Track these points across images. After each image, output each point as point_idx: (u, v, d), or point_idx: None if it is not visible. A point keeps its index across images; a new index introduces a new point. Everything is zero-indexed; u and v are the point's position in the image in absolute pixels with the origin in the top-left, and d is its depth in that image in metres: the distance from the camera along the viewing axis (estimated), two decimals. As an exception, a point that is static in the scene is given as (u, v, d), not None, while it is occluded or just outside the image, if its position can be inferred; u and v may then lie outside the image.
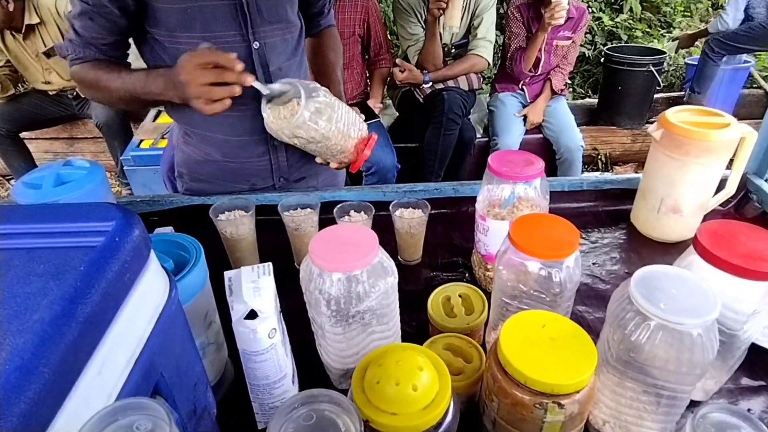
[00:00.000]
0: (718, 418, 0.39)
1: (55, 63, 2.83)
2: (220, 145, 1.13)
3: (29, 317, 0.35)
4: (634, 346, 0.55)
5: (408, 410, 0.50)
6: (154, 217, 1.12)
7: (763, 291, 0.61)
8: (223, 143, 1.13)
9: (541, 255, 0.65)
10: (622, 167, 3.54)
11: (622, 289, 0.59)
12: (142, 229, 0.46)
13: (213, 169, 1.17)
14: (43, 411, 0.33)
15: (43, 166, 0.87)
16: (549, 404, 0.54)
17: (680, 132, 0.87)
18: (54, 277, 0.38)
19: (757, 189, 1.12)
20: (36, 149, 3.25)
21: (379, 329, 0.66)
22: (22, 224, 0.45)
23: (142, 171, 2.67)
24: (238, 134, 1.12)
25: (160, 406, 0.34)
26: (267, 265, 0.62)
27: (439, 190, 1.15)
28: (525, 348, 0.56)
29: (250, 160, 1.16)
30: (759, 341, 0.76)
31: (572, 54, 2.74)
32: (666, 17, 4.61)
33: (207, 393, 0.58)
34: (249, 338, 0.58)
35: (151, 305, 0.46)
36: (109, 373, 0.39)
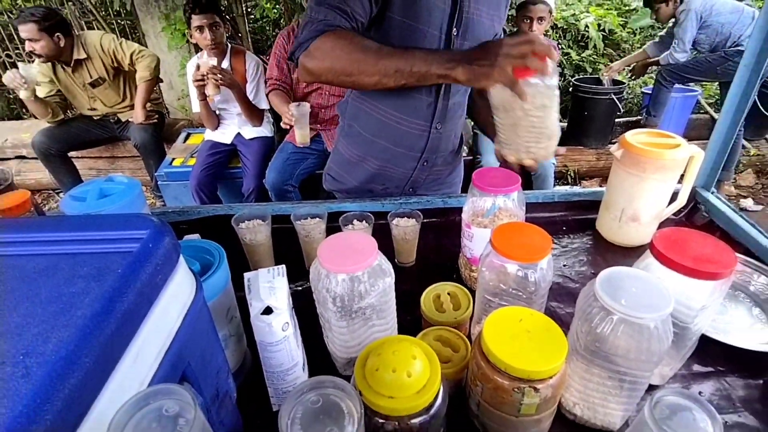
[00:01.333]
0: (673, 400, 0.39)
1: (99, 92, 2.84)
2: (382, 151, 1.12)
3: (74, 313, 0.35)
4: (600, 337, 0.55)
5: (403, 394, 0.50)
6: (184, 226, 1.11)
7: (710, 289, 0.61)
8: (384, 150, 1.12)
9: (518, 258, 0.65)
10: (588, 182, 3.55)
11: (588, 288, 0.59)
12: (173, 236, 0.46)
13: (359, 170, 1.18)
14: (85, 395, 0.33)
15: (87, 182, 0.87)
16: (526, 388, 0.54)
17: (638, 152, 0.87)
18: (95, 279, 0.38)
19: (705, 200, 1.13)
20: (82, 167, 3.25)
21: (378, 323, 0.66)
22: (69, 232, 0.45)
23: (173, 186, 2.66)
24: (400, 146, 1.11)
25: (187, 392, 0.33)
26: (281, 268, 0.62)
27: (430, 201, 1.15)
28: (505, 339, 0.56)
29: (396, 169, 1.16)
30: (708, 333, 0.76)
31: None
32: (625, 53, 4.64)
33: (228, 379, 0.58)
34: (265, 331, 0.57)
35: (179, 303, 0.46)
36: (142, 362, 0.39)
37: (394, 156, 1.13)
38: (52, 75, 2.71)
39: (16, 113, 4.37)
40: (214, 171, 2.54)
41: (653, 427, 0.37)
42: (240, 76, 2.47)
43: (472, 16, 0.98)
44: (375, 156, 1.15)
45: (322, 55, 0.86)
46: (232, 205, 1.19)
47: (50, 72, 2.70)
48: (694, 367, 0.74)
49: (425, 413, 0.51)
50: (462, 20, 0.97)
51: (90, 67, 2.72)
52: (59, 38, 2.52)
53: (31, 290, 0.38)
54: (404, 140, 1.11)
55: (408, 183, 1.20)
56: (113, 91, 2.87)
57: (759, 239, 0.96)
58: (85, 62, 2.69)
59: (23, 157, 3.55)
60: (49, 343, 0.33)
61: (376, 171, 1.17)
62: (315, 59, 0.87)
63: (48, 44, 2.49)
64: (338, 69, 0.86)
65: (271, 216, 0.95)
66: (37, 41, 2.46)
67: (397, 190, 1.21)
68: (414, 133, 1.10)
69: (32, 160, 3.46)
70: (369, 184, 1.20)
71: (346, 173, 1.21)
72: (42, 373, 0.31)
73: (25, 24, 2.42)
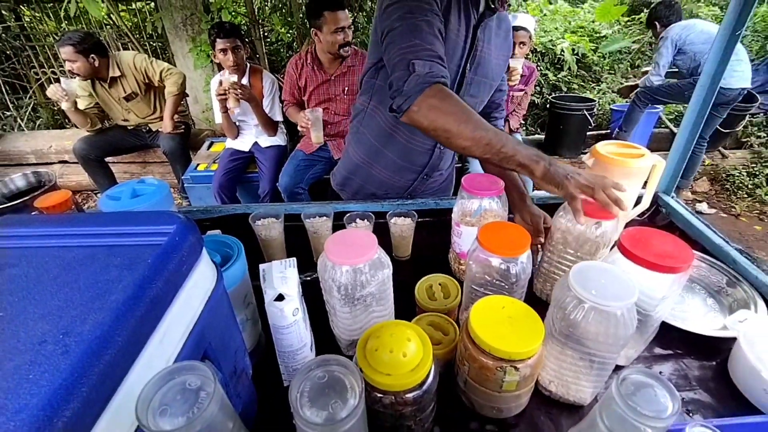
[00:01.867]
0: (637, 378, 0.39)
1: (133, 105, 2.84)
2: (388, 162, 1.11)
3: (108, 298, 0.35)
4: (573, 323, 0.55)
5: (399, 372, 0.50)
6: (207, 222, 1.11)
7: (670, 282, 0.60)
8: (390, 162, 1.11)
9: (501, 253, 0.65)
10: (563, 187, 3.54)
11: (563, 279, 0.58)
12: (197, 231, 0.45)
13: (367, 176, 1.16)
14: (117, 371, 0.33)
15: (122, 183, 0.87)
16: (507, 367, 0.53)
17: (607, 160, 0.87)
18: (128, 268, 0.38)
19: (666, 204, 1.12)
20: (117, 170, 3.23)
21: (377, 309, 0.66)
22: (105, 227, 0.44)
23: (198, 188, 2.65)
24: (405, 160, 1.11)
25: (208, 368, 0.33)
26: (292, 260, 0.62)
27: (424, 203, 1.14)
28: (489, 324, 0.56)
29: (399, 180, 1.15)
30: (668, 320, 0.75)
31: (525, 102, 2.76)
32: (596, 74, 4.64)
33: (245, 358, 0.57)
34: (277, 315, 0.57)
35: (202, 290, 0.46)
36: (168, 342, 0.39)
37: (398, 168, 1.12)
38: (91, 90, 2.71)
39: (60, 123, 4.36)
40: (234, 175, 2.54)
41: (619, 402, 0.37)
42: (258, 92, 2.47)
43: (485, 55, 0.98)
44: (381, 165, 1.14)
45: (430, 113, 0.76)
46: (250, 205, 1.18)
47: (89, 87, 2.70)
48: (655, 350, 0.74)
49: (418, 389, 0.50)
50: (476, 58, 0.96)
51: (124, 83, 2.72)
52: (94, 59, 2.52)
53: (71, 277, 0.37)
54: (409, 156, 1.10)
55: (407, 191, 1.19)
56: (145, 104, 2.87)
57: (713, 238, 0.96)
58: (119, 79, 2.69)
59: (65, 161, 3.53)
60: (86, 324, 0.33)
61: (380, 178, 1.16)
62: (421, 116, 0.77)
63: (84, 65, 2.50)
64: (441, 127, 0.76)
65: (284, 215, 0.95)
66: (74, 62, 2.47)
67: (397, 196, 1.21)
68: (419, 150, 1.09)
69: (73, 164, 3.45)
70: (372, 188, 1.19)
71: (353, 174, 1.19)
72: (80, 351, 0.31)
73: (64, 47, 2.44)
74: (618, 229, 0.85)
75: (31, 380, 0.28)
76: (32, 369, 0.29)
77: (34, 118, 4.30)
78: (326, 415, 0.35)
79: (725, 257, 0.91)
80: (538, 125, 4.41)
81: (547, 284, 0.83)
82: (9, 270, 0.39)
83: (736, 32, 0.91)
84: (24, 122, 4.17)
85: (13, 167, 3.47)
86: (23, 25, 3.95)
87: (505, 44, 1.04)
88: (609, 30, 4.71)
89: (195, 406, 0.31)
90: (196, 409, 0.31)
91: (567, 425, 0.60)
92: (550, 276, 0.82)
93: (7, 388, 0.28)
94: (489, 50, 0.98)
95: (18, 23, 3.92)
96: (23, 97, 4.23)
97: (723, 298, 0.86)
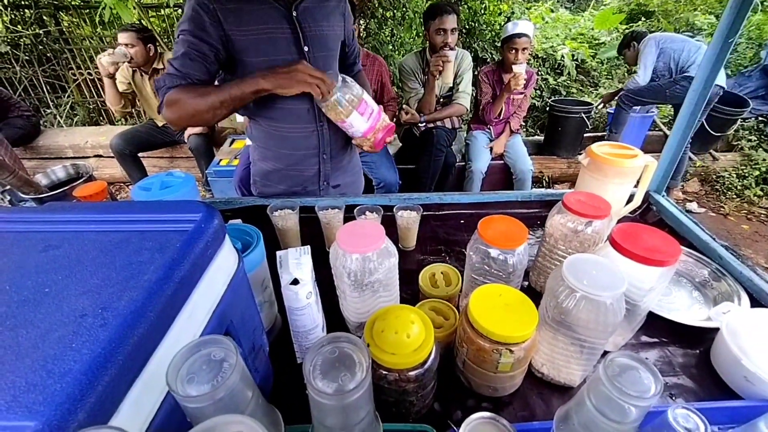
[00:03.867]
0: (623, 361, 0.39)
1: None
2: (286, 157, 1.13)
3: (141, 278, 0.36)
4: (565, 310, 0.55)
5: (403, 351, 0.50)
6: (228, 213, 1.12)
7: (658, 274, 0.60)
8: (287, 156, 1.12)
9: (500, 244, 0.65)
10: (560, 185, 3.50)
11: (557, 270, 0.58)
12: (220, 219, 0.46)
13: (278, 176, 1.17)
14: (150, 342, 0.34)
15: (152, 175, 0.88)
16: (503, 350, 0.54)
17: (601, 160, 0.86)
18: (159, 251, 0.39)
19: (656, 202, 1.11)
20: (147, 164, 3.27)
21: (384, 294, 0.66)
22: (138, 214, 0.46)
23: (220, 181, 2.68)
24: (299, 149, 1.12)
25: (230, 342, 0.34)
26: (306, 248, 0.63)
27: (429, 198, 1.15)
28: (487, 310, 0.56)
29: (305, 169, 1.16)
30: (655, 310, 0.75)
31: (525, 104, 2.73)
32: (594, 79, 4.56)
33: (262, 336, 0.58)
34: (293, 298, 0.58)
35: (225, 273, 0.47)
36: (195, 318, 0.40)
37: (298, 159, 1.13)
38: (130, 79, 2.77)
39: (95, 120, 4.42)
40: (254, 170, 2.57)
41: (606, 382, 0.37)
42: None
43: (316, 33, 1.01)
44: (284, 163, 1.14)
45: (171, 111, 0.94)
46: (268, 197, 1.19)
47: (129, 77, 2.75)
48: (642, 338, 0.74)
49: (420, 367, 0.51)
50: (308, 39, 0.99)
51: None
52: (150, 49, 2.59)
53: (108, 259, 0.39)
54: (300, 143, 1.10)
55: (320, 178, 1.19)
56: None
57: (700, 235, 0.95)
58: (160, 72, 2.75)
59: (100, 155, 3.58)
60: (122, 301, 0.34)
61: (290, 174, 1.16)
62: (167, 113, 0.95)
63: (141, 50, 2.55)
64: (184, 115, 0.94)
65: (299, 207, 0.96)
66: (134, 47, 2.52)
67: (315, 186, 1.20)
68: (304, 135, 1.09)
69: (107, 158, 3.49)
70: (291, 188, 1.18)
71: (270, 180, 1.19)
72: (116, 324, 0.32)
73: (125, 33, 2.50)
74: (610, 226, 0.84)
75: (74, 348, 0.30)
76: (75, 339, 0.30)
77: (71, 115, 4.36)
78: (336, 386, 0.35)
79: (711, 253, 0.90)
80: (537, 127, 4.35)
81: (542, 277, 0.83)
82: (53, 251, 0.40)
83: (729, 39, 0.89)
84: (63, 119, 4.24)
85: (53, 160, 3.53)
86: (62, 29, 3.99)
87: (336, 11, 1.07)
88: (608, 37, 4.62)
89: (219, 375, 0.32)
90: (220, 378, 0.32)
91: (557, 404, 0.61)
92: (545, 269, 0.81)
93: (53, 355, 0.29)
94: (319, 27, 1.01)
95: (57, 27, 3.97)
96: (62, 96, 4.28)
97: (708, 291, 0.85)
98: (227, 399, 0.31)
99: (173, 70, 0.94)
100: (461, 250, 0.99)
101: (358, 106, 1.03)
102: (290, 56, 0.98)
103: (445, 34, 2.24)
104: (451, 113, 2.58)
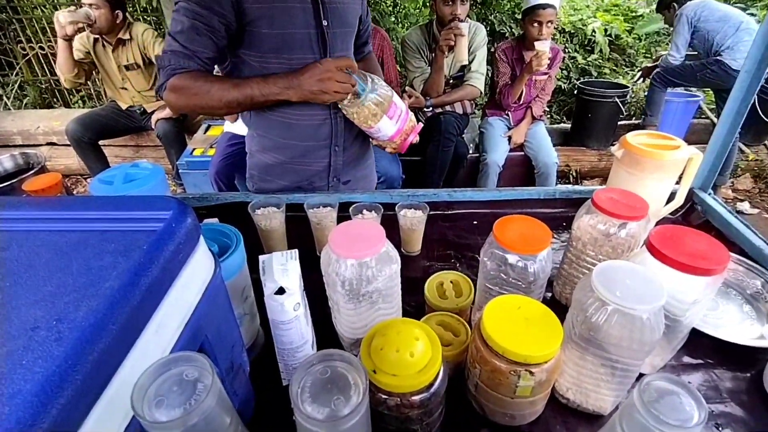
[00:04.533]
0: (661, 385, 0.39)
1: (131, 75, 2.90)
2: (291, 149, 1.14)
3: (102, 285, 0.36)
4: (594, 326, 0.55)
5: (405, 372, 0.50)
6: (203, 211, 1.13)
7: (703, 285, 0.60)
8: (293, 147, 1.13)
9: (518, 249, 0.65)
10: (589, 182, 3.51)
11: (585, 279, 0.59)
12: (194, 217, 0.46)
13: (280, 171, 1.18)
14: (112, 360, 0.34)
15: (114, 167, 0.88)
16: (522, 371, 0.54)
17: (638, 152, 0.86)
18: (122, 254, 0.39)
19: (702, 201, 1.11)
20: (109, 154, 3.28)
21: (384, 307, 0.67)
22: (98, 211, 0.46)
23: (194, 174, 2.68)
24: (307, 139, 1.12)
25: (205, 359, 0.34)
26: (294, 252, 0.63)
27: (436, 195, 1.15)
28: (503, 325, 0.56)
29: (313, 162, 1.16)
30: (699, 326, 0.75)
31: (549, 87, 2.73)
32: (630, 58, 4.57)
33: (242, 354, 0.59)
34: (277, 310, 0.58)
35: (199, 280, 0.47)
36: (164, 332, 0.40)
37: (306, 150, 1.14)
38: (90, 48, 2.77)
39: (48, 102, 4.43)
40: (233, 161, 2.56)
41: (641, 409, 0.37)
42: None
43: (337, 6, 1.04)
44: (290, 156, 1.15)
45: (176, 98, 0.98)
46: (249, 193, 1.20)
47: (90, 45, 2.76)
48: (684, 359, 0.74)
49: (426, 391, 0.51)
50: (328, 11, 1.01)
51: (128, 52, 2.80)
52: (118, 15, 2.60)
53: (64, 262, 0.39)
54: (309, 133, 1.11)
55: (330, 173, 1.20)
56: (143, 78, 2.93)
57: (753, 240, 0.95)
58: (126, 44, 2.76)
59: (53, 143, 3.59)
60: (80, 311, 0.34)
61: (296, 168, 1.17)
62: (170, 97, 0.98)
63: (107, 15, 2.56)
64: (192, 105, 0.98)
65: (285, 204, 0.96)
66: (99, 8, 2.52)
67: (323, 183, 1.21)
68: (316, 123, 1.10)
69: (62, 146, 3.50)
70: (295, 182, 1.19)
71: (269, 176, 1.20)
72: (73, 338, 0.32)
73: None
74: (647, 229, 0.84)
75: (24, 366, 0.30)
76: (25, 355, 0.31)
77: (20, 96, 4.37)
78: (328, 412, 0.36)
79: (766, 261, 0.91)
80: (563, 113, 4.36)
81: (567, 287, 0.83)
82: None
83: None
84: (10, 101, 4.24)
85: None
86: (10, -5, 3.99)
87: None
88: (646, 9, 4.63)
89: (192, 398, 0.32)
90: (193, 401, 0.32)
91: (585, 436, 0.61)
92: (571, 278, 0.82)
93: (0, 374, 0.29)
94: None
95: (4, -6, 3.97)
96: (9, 74, 4.29)
97: (761, 305, 0.85)
98: (201, 425, 0.31)
99: (178, 47, 0.94)
100: (474, 255, 0.99)
101: (388, 110, 1.04)
102: (307, 30, 1.00)
103: (453, 5, 2.24)
104: (462, 96, 2.59)
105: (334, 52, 1.06)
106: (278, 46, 0.98)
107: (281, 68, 1.01)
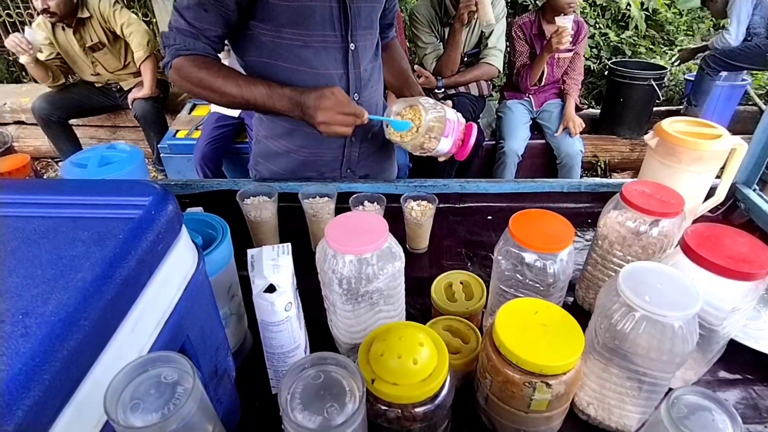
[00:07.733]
0: (692, 399, 0.39)
1: (100, 57, 2.88)
2: (304, 137, 1.13)
3: (73, 276, 0.36)
4: (620, 334, 0.55)
5: (408, 381, 0.51)
6: (186, 199, 1.13)
7: (743, 291, 0.60)
8: (306, 136, 1.13)
9: (537, 247, 0.65)
10: (620, 174, 3.49)
11: (611, 282, 0.59)
12: (176, 205, 0.47)
13: (288, 160, 1.18)
14: (84, 358, 0.34)
15: (89, 149, 0.89)
16: (537, 383, 0.54)
17: (674, 140, 0.86)
18: (96, 243, 0.40)
19: (745, 198, 1.11)
20: (82, 135, 3.30)
21: (385, 309, 0.67)
22: (70, 196, 0.46)
23: (176, 159, 2.70)
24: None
25: (186, 361, 0.34)
26: (286, 246, 0.63)
27: (447, 186, 1.15)
28: (518, 331, 0.56)
29: (325, 152, 1.17)
30: (738, 338, 0.75)
31: (579, 64, 2.71)
32: (669, 35, 4.53)
33: (228, 358, 0.59)
34: (267, 310, 0.58)
35: (180, 274, 0.47)
36: (141, 330, 0.40)
37: (318, 140, 1.13)
38: (52, 38, 2.75)
39: (16, 76, 4.44)
40: (220, 145, 2.56)
41: (669, 427, 0.37)
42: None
43: None
44: (300, 144, 1.15)
45: (180, 81, 1.00)
46: (238, 180, 1.20)
47: (51, 34, 2.74)
48: (720, 374, 0.74)
49: (430, 402, 0.52)
50: None
51: (90, 30, 2.76)
52: None
53: (31, 251, 0.39)
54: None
55: (343, 164, 1.20)
56: (113, 56, 2.91)
57: (802, 242, 0.94)
58: (87, 23, 2.73)
59: (22, 122, 3.61)
60: (49, 305, 0.34)
61: (305, 158, 1.17)
62: (176, 81, 1.01)
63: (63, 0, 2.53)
64: (194, 91, 1.02)
65: (278, 193, 0.97)
66: None
67: (335, 174, 1.21)
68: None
69: (31, 126, 3.52)
70: (303, 173, 1.19)
71: (275, 165, 1.20)
72: (41, 334, 0.32)
73: None
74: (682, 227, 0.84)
75: (-14, 364, 0.30)
76: (-12, 352, 0.31)
77: (-15, 69, 4.38)
78: (320, 420, 0.36)
79: (816, 266, 0.90)
80: (592, 97, 4.34)
81: (591, 291, 0.83)
82: (-39, 241, 0.40)
83: None
84: (-26, 74, 4.26)
85: (-38, 127, 3.56)
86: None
87: None
88: (689, -19, 4.57)
89: (171, 402, 0.33)
90: (172, 406, 0.32)
91: (606, 456, 0.61)
92: (595, 282, 0.82)
93: (-40, 372, 0.30)
94: None
95: (-32, -46, 3.97)
96: (-27, 44, 4.30)
97: (809, 316, 0.85)
98: (181, 433, 0.32)
99: (184, 24, 0.95)
100: (487, 254, 0.99)
101: (444, 131, 1.02)
102: (328, 2, 0.98)
103: None
104: (478, 76, 2.58)
105: (358, 29, 1.04)
106: (295, 19, 0.97)
107: (295, 45, 1.00)
